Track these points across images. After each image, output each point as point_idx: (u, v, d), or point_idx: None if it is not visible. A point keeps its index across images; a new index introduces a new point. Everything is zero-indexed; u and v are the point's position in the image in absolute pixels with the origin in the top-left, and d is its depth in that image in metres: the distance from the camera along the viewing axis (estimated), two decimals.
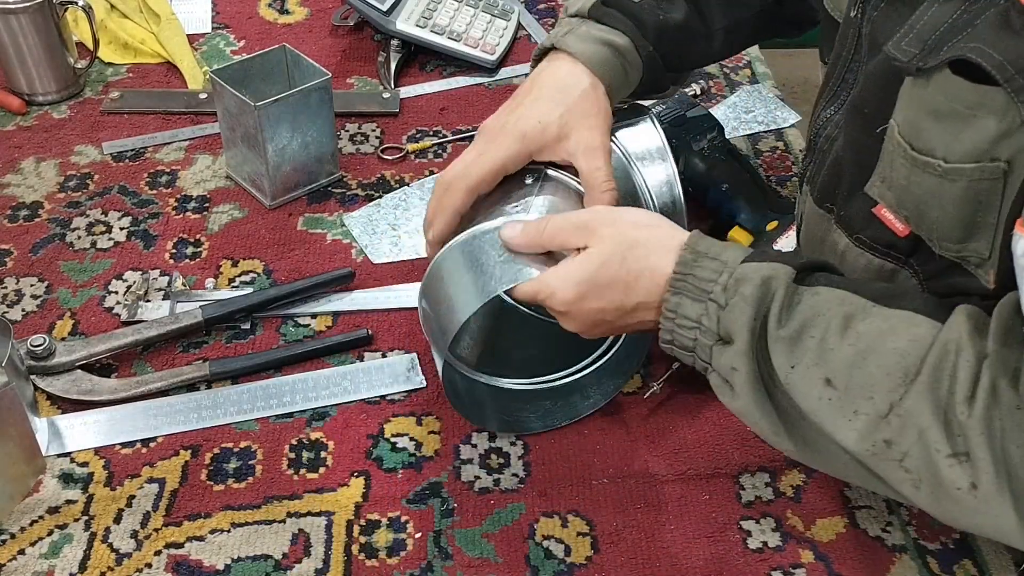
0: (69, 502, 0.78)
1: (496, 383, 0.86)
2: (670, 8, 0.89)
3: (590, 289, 0.71)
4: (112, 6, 1.30)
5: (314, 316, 0.93)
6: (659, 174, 0.86)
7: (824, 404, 0.64)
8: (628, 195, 0.84)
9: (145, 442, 0.82)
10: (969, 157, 0.61)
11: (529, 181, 0.82)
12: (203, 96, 1.17)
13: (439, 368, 0.79)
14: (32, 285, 0.95)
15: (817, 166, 0.80)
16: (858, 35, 0.74)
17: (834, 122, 0.78)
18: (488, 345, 0.88)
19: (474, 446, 0.83)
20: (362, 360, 0.89)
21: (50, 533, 0.76)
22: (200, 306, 0.91)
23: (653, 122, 0.89)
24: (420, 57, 1.27)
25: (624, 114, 0.89)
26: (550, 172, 0.82)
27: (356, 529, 0.77)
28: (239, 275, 0.97)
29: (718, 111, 1.13)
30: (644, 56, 0.87)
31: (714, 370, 0.69)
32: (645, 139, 0.88)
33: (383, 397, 0.86)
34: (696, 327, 0.69)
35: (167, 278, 0.96)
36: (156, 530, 0.76)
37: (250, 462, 0.81)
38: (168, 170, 1.09)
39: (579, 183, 0.81)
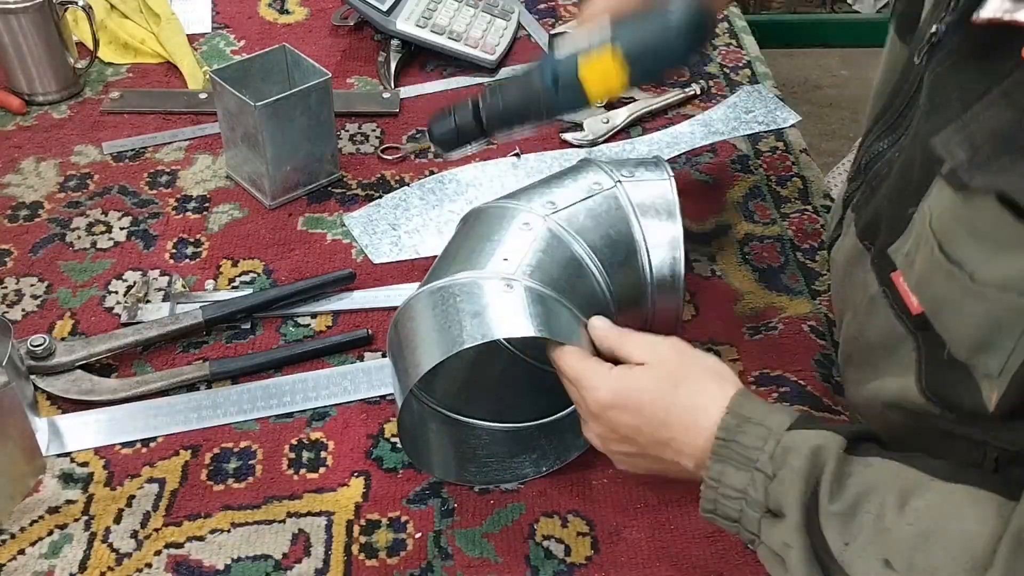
0: (69, 502, 0.78)
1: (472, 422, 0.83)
2: None
3: (629, 401, 0.69)
4: (112, 6, 1.30)
5: (314, 316, 0.93)
6: (664, 234, 0.80)
7: None
8: (620, 244, 0.80)
9: (145, 442, 0.82)
10: (1000, 283, 0.57)
11: (525, 229, 0.78)
12: (203, 96, 1.17)
13: (399, 402, 0.74)
14: (32, 285, 0.95)
15: (865, 197, 0.76)
16: (919, 79, 0.69)
17: (885, 159, 0.74)
18: (462, 388, 0.85)
19: None
20: (362, 360, 0.89)
21: (50, 533, 0.76)
22: (200, 306, 0.91)
23: (670, 177, 0.83)
24: (420, 57, 1.27)
25: (642, 161, 0.85)
26: (548, 223, 0.79)
27: (356, 529, 0.77)
28: (239, 275, 0.97)
29: (718, 111, 1.13)
30: None
31: (763, 543, 0.65)
32: (657, 192, 0.82)
33: (383, 397, 0.86)
34: (742, 497, 0.65)
35: (167, 278, 0.96)
36: (156, 530, 0.76)
37: (250, 462, 0.81)
38: (168, 170, 1.09)
39: (579, 243, 0.78)
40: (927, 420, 0.67)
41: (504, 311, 0.72)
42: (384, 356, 0.89)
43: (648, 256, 0.80)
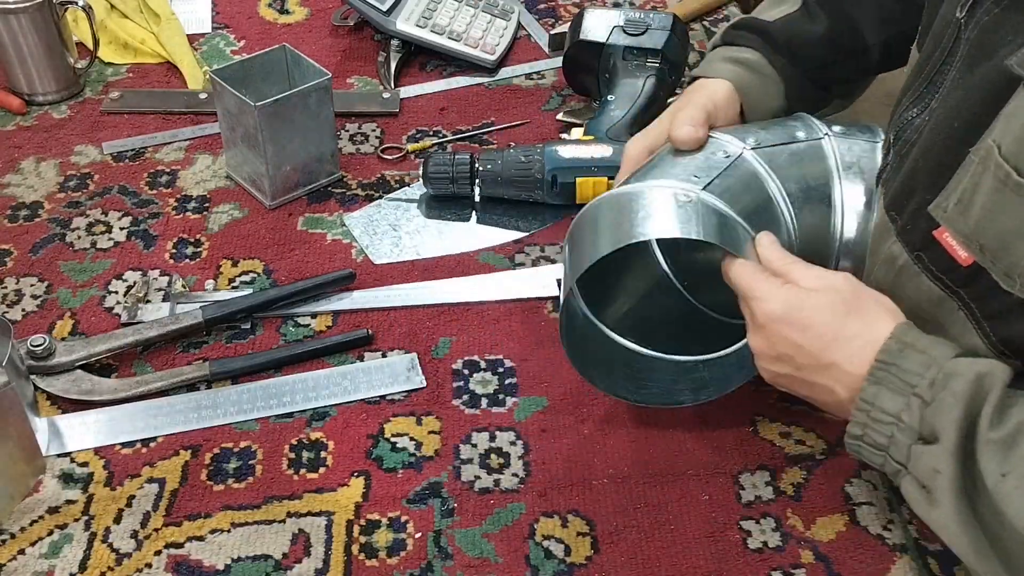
0: (69, 502, 0.78)
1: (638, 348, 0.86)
2: (809, 23, 0.89)
3: (799, 318, 0.68)
4: (112, 6, 1.30)
5: (314, 316, 0.93)
6: (862, 197, 0.80)
7: None
8: (815, 195, 0.80)
9: (145, 442, 0.82)
10: None
11: (722, 157, 0.80)
12: (203, 96, 1.17)
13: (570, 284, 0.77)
14: (32, 285, 0.95)
15: (893, 170, 0.76)
16: (956, 37, 0.69)
17: (915, 126, 0.74)
18: (635, 316, 0.88)
19: (474, 446, 0.82)
20: (362, 360, 0.89)
21: (50, 533, 0.76)
22: (200, 306, 0.91)
23: (880, 141, 0.83)
24: (420, 57, 1.27)
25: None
26: (747, 155, 0.80)
27: (356, 529, 0.77)
28: (239, 275, 0.97)
29: None
30: (779, 68, 0.88)
31: (909, 473, 0.63)
32: (865, 152, 0.82)
33: (383, 397, 0.86)
34: (894, 423, 0.63)
35: (167, 278, 0.96)
36: (156, 530, 0.76)
37: (250, 462, 0.81)
38: (168, 170, 1.09)
39: (775, 183, 0.79)
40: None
41: (676, 217, 0.74)
42: (384, 356, 0.89)
43: (842, 216, 0.80)
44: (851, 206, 0.80)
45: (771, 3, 0.95)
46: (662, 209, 0.75)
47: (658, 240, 0.89)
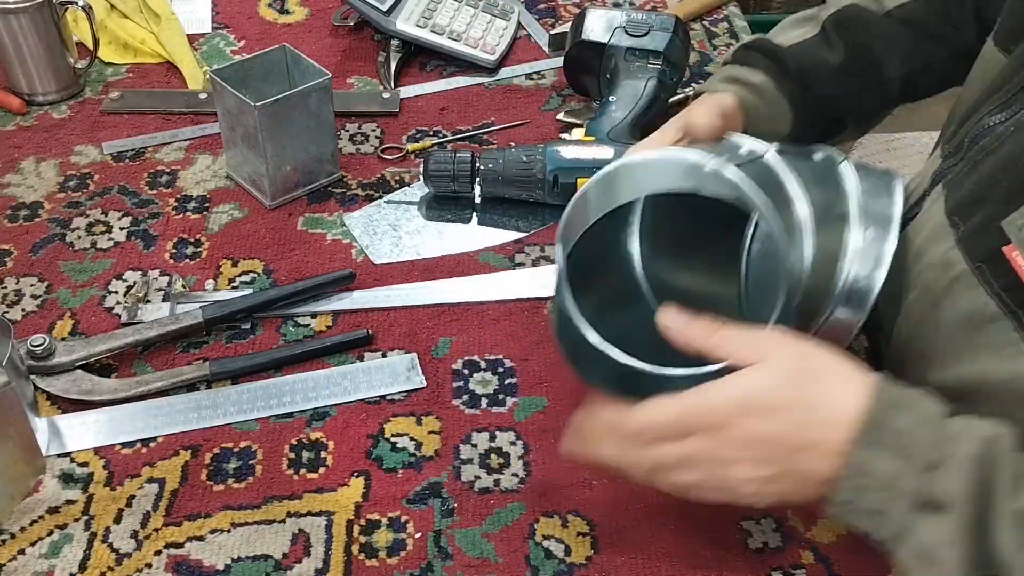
0: (69, 502, 0.78)
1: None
2: (825, 51, 0.87)
3: (757, 406, 0.59)
4: (112, 6, 1.30)
5: (314, 316, 0.93)
6: (871, 249, 0.71)
7: None
8: (827, 215, 0.71)
9: (145, 442, 0.82)
10: None
11: (744, 152, 0.75)
12: (203, 96, 1.17)
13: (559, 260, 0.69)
14: (32, 285, 0.95)
15: (962, 174, 0.72)
16: None
17: (996, 133, 0.70)
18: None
19: (474, 446, 0.82)
20: (362, 360, 0.89)
21: (50, 533, 0.76)
22: (200, 306, 0.91)
23: (900, 185, 0.75)
24: (420, 57, 1.27)
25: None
26: (770, 157, 0.73)
27: (356, 529, 0.77)
28: (239, 275, 0.97)
29: None
30: (788, 94, 0.86)
31: (906, 543, 0.58)
32: (882, 190, 0.73)
33: (383, 397, 0.86)
34: (890, 488, 0.57)
35: (167, 278, 0.96)
36: (156, 530, 0.76)
37: (250, 462, 0.81)
38: (168, 170, 1.09)
39: (802, 192, 0.71)
40: None
41: (681, 175, 0.69)
42: (384, 356, 0.89)
43: (851, 255, 0.72)
44: (863, 248, 0.71)
45: (790, 24, 0.93)
46: (664, 171, 0.69)
47: (642, 247, 0.85)
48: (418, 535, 0.76)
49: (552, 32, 1.29)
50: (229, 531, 0.76)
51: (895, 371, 0.77)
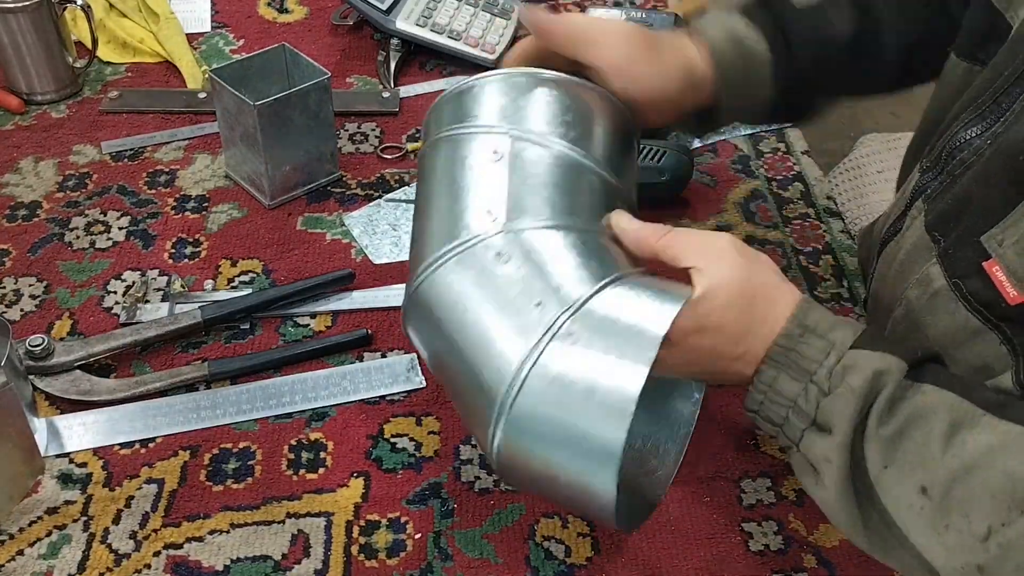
0: (68, 503, 0.78)
1: None
2: (837, 19, 0.81)
3: (710, 324, 0.64)
4: (111, 5, 1.30)
5: (313, 316, 0.93)
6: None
7: (914, 512, 0.59)
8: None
9: (144, 443, 0.82)
10: None
11: (494, 160, 0.70)
12: (202, 95, 1.17)
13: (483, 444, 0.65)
14: (31, 285, 0.95)
15: (942, 188, 0.73)
16: None
17: (974, 147, 0.70)
18: None
19: (474, 446, 0.82)
20: (362, 360, 0.89)
21: (49, 534, 0.76)
22: (199, 306, 0.91)
23: None
24: (420, 56, 1.27)
25: None
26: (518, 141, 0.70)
27: (355, 530, 0.76)
28: (238, 275, 0.97)
29: None
30: (778, 77, 0.80)
31: (799, 452, 0.64)
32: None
33: (383, 397, 0.86)
34: (790, 406, 0.63)
35: (166, 278, 0.96)
36: (155, 531, 0.76)
37: (249, 463, 0.81)
38: (167, 170, 1.09)
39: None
40: None
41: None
42: (383, 356, 0.89)
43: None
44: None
45: None
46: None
47: None
48: (418, 536, 0.76)
49: None
50: (228, 532, 0.76)
51: None
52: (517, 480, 0.68)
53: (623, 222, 0.68)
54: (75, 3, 1.15)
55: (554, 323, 0.61)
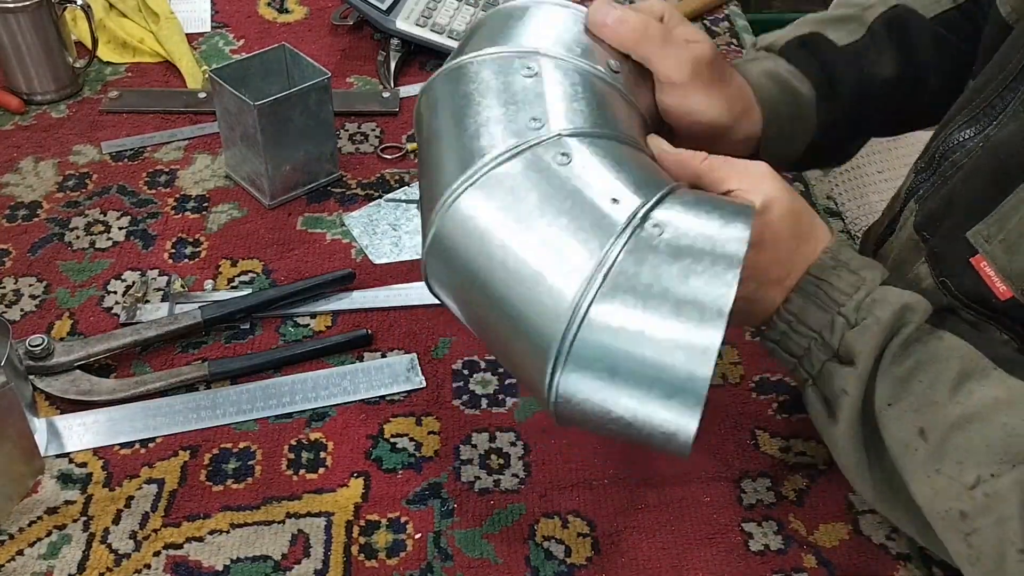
0: (68, 503, 0.78)
1: None
2: (878, 59, 0.80)
3: (770, 239, 0.63)
4: (111, 5, 1.30)
5: (314, 316, 0.93)
6: None
7: (909, 452, 0.61)
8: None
9: (144, 443, 0.82)
10: None
11: (529, 75, 0.66)
12: (202, 95, 1.17)
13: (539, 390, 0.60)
14: (31, 285, 0.95)
15: (934, 189, 0.74)
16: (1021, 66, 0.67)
17: (966, 149, 0.71)
18: None
19: (474, 446, 0.82)
20: (362, 360, 0.89)
21: (49, 534, 0.76)
22: (199, 306, 0.91)
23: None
24: (420, 56, 1.27)
25: None
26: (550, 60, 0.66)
27: (356, 530, 0.76)
28: (238, 275, 0.97)
29: None
30: (822, 116, 0.79)
31: (815, 385, 0.64)
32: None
33: (383, 397, 0.86)
34: (814, 337, 0.63)
35: (166, 278, 0.96)
36: (155, 531, 0.76)
37: (249, 463, 0.81)
38: (167, 170, 1.09)
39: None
40: None
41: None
42: (384, 356, 0.89)
43: None
44: None
45: (828, 22, 0.84)
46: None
47: None
48: (418, 536, 0.76)
49: None
50: (228, 532, 0.76)
51: None
52: (579, 414, 0.60)
53: (663, 144, 0.68)
54: (75, 3, 1.15)
55: (627, 226, 0.56)
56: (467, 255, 0.60)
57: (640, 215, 0.57)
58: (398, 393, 0.86)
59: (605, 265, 0.56)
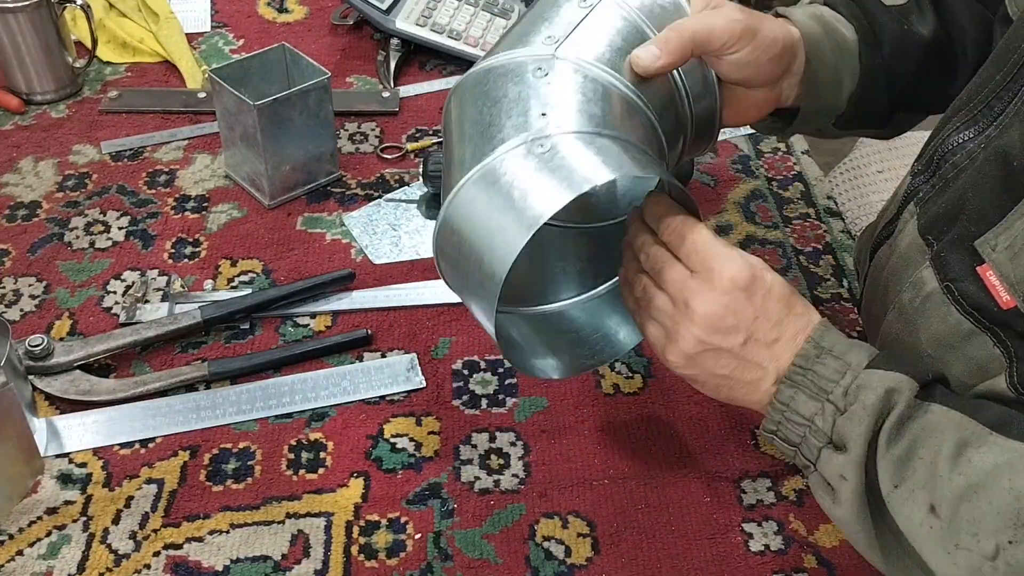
0: (67, 503, 0.78)
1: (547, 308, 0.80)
2: (920, 21, 0.81)
3: (763, 286, 0.65)
4: (111, 5, 1.30)
5: (313, 316, 0.93)
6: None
7: (924, 531, 0.60)
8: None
9: (144, 443, 0.82)
10: None
11: (539, 76, 0.70)
12: (202, 95, 1.17)
13: (488, 326, 0.66)
14: (30, 285, 0.95)
15: (935, 191, 0.73)
16: (1022, 64, 0.67)
17: (967, 151, 0.71)
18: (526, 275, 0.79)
19: (474, 446, 0.82)
20: (361, 360, 0.89)
21: (48, 534, 0.75)
22: (199, 306, 0.91)
23: None
24: (419, 56, 1.27)
25: None
26: (563, 61, 0.70)
27: (355, 530, 0.76)
28: (238, 275, 0.97)
29: None
30: (863, 65, 0.80)
31: (817, 471, 0.65)
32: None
33: (383, 397, 0.86)
34: (807, 425, 0.64)
35: (166, 278, 0.96)
36: (155, 531, 0.76)
37: (249, 463, 0.81)
38: (167, 169, 1.09)
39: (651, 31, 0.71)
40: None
41: (573, 168, 0.64)
42: (383, 356, 0.89)
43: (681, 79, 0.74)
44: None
45: None
46: (552, 170, 0.64)
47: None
48: (418, 536, 0.76)
49: None
50: (228, 532, 0.76)
51: None
52: (446, 258, 0.70)
53: (656, 199, 0.70)
54: (75, 3, 1.15)
55: (526, 141, 0.65)
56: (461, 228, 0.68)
57: (544, 136, 0.65)
58: (398, 393, 0.86)
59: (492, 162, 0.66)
